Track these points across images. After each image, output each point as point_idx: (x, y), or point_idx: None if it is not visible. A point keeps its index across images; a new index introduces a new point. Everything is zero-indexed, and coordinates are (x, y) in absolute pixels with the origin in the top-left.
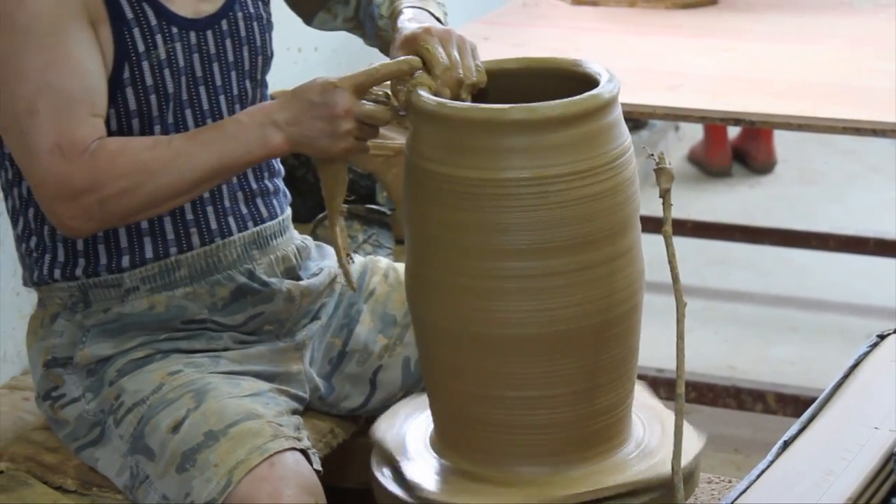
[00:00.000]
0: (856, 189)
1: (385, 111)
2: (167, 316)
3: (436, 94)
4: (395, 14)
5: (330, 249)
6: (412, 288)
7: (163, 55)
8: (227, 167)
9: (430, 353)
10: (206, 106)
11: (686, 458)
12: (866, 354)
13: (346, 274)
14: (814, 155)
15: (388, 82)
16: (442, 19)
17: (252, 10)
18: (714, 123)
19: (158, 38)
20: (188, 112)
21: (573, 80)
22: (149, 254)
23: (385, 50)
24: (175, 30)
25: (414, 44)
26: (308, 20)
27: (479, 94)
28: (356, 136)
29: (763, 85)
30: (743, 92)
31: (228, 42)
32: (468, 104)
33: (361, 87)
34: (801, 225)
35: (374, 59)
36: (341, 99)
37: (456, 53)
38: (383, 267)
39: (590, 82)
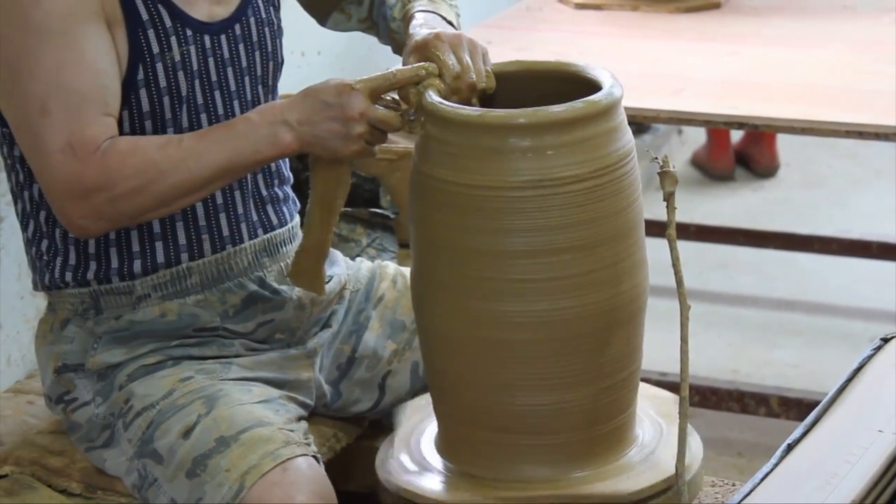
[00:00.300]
0: (859, 193)
1: (397, 117)
2: (179, 324)
3: (445, 99)
4: (407, 17)
5: (338, 255)
6: (417, 291)
7: (177, 57)
8: (238, 166)
9: (434, 357)
10: (220, 111)
11: (689, 461)
12: (870, 358)
13: (316, 282)
14: (817, 159)
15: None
16: (454, 22)
17: (264, 16)
18: (717, 127)
19: (173, 39)
20: (203, 116)
21: (576, 84)
22: (160, 259)
23: (398, 50)
24: (189, 32)
25: (425, 50)
26: (322, 21)
27: (485, 99)
28: (366, 140)
29: (766, 89)
30: (746, 96)
31: (241, 47)
32: (477, 108)
33: (377, 91)
34: (804, 229)
35: (378, 63)
36: (357, 102)
37: (468, 58)
38: (391, 273)
39: (593, 86)
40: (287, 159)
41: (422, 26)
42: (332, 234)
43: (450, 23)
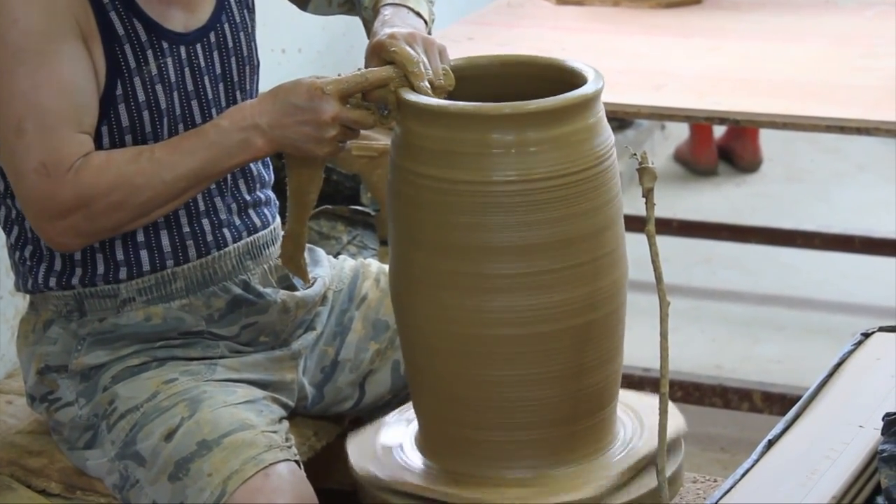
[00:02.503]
0: (842, 187)
1: (369, 116)
2: (164, 328)
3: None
4: (376, 8)
5: (321, 255)
6: (396, 287)
7: (154, 71)
8: (211, 173)
9: (414, 354)
10: (199, 120)
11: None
12: (851, 353)
13: (300, 271)
14: (800, 153)
15: None
16: (424, 13)
17: (238, 20)
18: (699, 123)
19: (149, 53)
20: (181, 127)
21: (555, 77)
22: (146, 266)
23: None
24: (165, 45)
25: (381, 51)
26: (303, 6)
27: (457, 96)
28: (339, 140)
29: (748, 84)
30: (728, 91)
31: (216, 54)
32: (458, 102)
33: (349, 93)
34: (787, 223)
35: (359, 61)
36: (329, 106)
37: (423, 55)
38: (374, 272)
39: (572, 78)
40: (269, 160)
41: (384, 24)
42: (306, 227)
43: (418, 14)
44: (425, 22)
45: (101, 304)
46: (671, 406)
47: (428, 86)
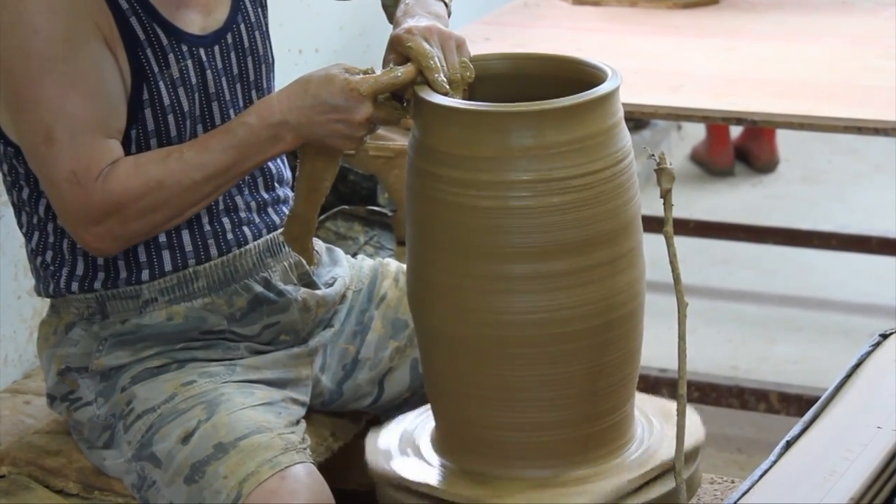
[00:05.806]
0: (859, 188)
1: (394, 113)
2: (186, 327)
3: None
4: None
5: (340, 255)
6: (414, 290)
7: (176, 74)
8: (241, 170)
9: (432, 356)
10: (218, 121)
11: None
12: (869, 354)
13: (306, 253)
14: (816, 154)
15: None
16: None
17: (254, 19)
18: (716, 123)
19: (171, 57)
20: (200, 129)
21: (570, 80)
22: (168, 266)
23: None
24: (185, 48)
25: (398, 46)
26: None
27: (479, 95)
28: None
29: (765, 84)
30: (745, 91)
31: (233, 55)
32: (477, 103)
33: (382, 93)
34: (803, 224)
35: (375, 60)
36: (365, 108)
37: (439, 50)
38: (393, 271)
39: (589, 80)
40: (286, 158)
41: (405, 15)
42: (317, 212)
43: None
44: (445, 4)
45: (124, 306)
46: (692, 414)
47: (444, 79)
